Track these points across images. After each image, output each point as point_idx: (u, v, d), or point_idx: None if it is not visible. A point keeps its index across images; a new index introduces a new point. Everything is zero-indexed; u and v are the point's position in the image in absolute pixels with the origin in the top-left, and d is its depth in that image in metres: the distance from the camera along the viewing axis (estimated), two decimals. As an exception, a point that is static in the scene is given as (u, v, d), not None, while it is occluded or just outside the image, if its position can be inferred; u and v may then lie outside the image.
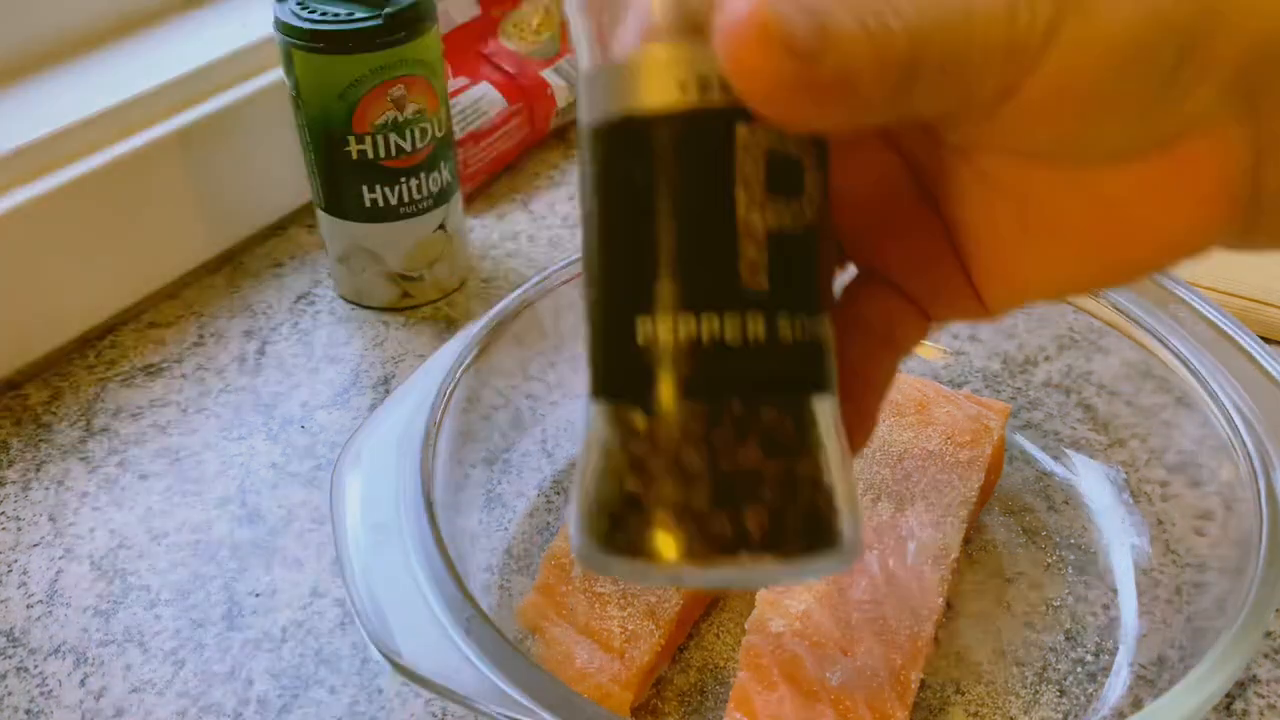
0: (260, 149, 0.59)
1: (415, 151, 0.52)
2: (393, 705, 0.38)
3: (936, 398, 0.43)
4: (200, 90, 0.57)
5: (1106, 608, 0.40)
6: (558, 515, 0.45)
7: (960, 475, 0.40)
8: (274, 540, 0.45)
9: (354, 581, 0.34)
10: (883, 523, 0.38)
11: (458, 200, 0.56)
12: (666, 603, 0.37)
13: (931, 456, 0.40)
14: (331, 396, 0.51)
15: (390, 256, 0.55)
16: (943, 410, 0.42)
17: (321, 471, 0.48)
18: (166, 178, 0.56)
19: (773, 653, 0.35)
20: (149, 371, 0.53)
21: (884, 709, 0.33)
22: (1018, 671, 0.38)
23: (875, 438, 0.41)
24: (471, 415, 0.43)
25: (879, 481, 0.39)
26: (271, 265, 0.60)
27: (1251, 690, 0.38)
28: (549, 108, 0.67)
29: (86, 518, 0.46)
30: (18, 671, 0.40)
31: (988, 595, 0.41)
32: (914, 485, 0.39)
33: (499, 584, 0.42)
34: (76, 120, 0.53)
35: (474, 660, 0.32)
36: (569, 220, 0.62)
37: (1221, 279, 0.54)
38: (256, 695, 0.39)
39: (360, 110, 0.50)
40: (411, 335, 0.55)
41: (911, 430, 0.41)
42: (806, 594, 0.36)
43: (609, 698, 0.35)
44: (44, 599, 0.43)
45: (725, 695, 0.38)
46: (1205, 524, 0.40)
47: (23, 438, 0.50)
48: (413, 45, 0.49)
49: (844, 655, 0.34)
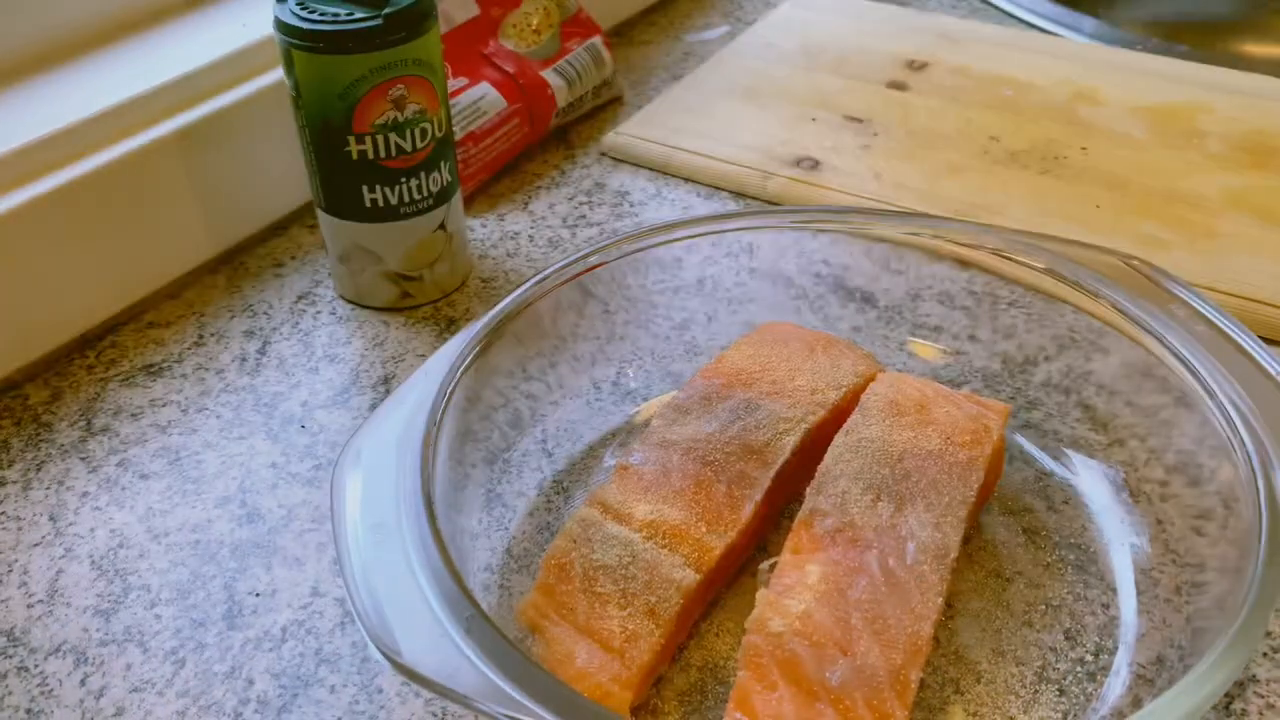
0: (260, 149, 0.59)
1: (415, 151, 0.52)
2: (393, 705, 0.38)
3: (936, 398, 0.43)
4: (200, 90, 0.57)
5: (1106, 607, 0.40)
6: (558, 515, 0.45)
7: (960, 475, 0.40)
8: (274, 540, 0.45)
9: (354, 581, 0.34)
10: (883, 523, 0.38)
11: (458, 200, 0.56)
12: (667, 602, 0.37)
13: (931, 456, 0.40)
14: (331, 396, 0.51)
15: (390, 256, 0.55)
16: (942, 410, 0.42)
17: (321, 471, 0.48)
18: (166, 178, 0.56)
19: (773, 653, 0.35)
20: (149, 371, 0.53)
21: (884, 709, 0.33)
22: (1017, 671, 0.38)
23: (875, 437, 0.41)
24: (471, 415, 0.43)
25: (879, 481, 0.39)
26: (271, 265, 0.60)
27: (1251, 690, 0.38)
28: (549, 108, 0.67)
29: (86, 517, 0.46)
30: (18, 671, 0.40)
31: (987, 595, 0.41)
32: (914, 485, 0.39)
33: (499, 584, 0.42)
34: (76, 120, 0.53)
35: (474, 660, 0.32)
36: (569, 220, 0.63)
37: (1221, 279, 0.55)
38: (256, 695, 0.39)
39: (360, 110, 0.50)
40: (411, 335, 0.55)
41: (911, 430, 0.41)
42: (807, 594, 0.36)
43: (609, 698, 0.35)
44: (44, 599, 0.43)
45: (725, 695, 0.38)
46: (1205, 523, 0.40)
47: (23, 438, 0.50)
48: (413, 45, 0.49)
49: (844, 655, 0.34)
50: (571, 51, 0.69)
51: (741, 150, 0.66)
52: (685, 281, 0.50)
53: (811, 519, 0.38)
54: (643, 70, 0.78)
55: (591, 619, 0.37)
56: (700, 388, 0.44)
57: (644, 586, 0.37)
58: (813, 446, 0.43)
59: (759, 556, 0.43)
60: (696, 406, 0.43)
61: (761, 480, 0.41)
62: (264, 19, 0.60)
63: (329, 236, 0.55)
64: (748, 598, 0.41)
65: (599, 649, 0.36)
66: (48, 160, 0.52)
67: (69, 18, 0.59)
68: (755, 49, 0.77)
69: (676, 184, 0.65)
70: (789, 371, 0.45)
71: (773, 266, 0.50)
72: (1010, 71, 0.73)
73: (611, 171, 0.67)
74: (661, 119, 0.69)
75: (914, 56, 0.76)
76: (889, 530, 0.38)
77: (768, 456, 0.41)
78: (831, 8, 0.83)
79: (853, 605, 0.36)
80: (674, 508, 0.39)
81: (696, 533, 0.39)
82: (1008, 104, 0.70)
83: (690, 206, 0.64)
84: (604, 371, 0.50)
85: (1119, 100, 0.70)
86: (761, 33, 0.80)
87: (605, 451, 0.47)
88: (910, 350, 0.50)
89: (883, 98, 0.71)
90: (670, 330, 0.51)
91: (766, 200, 0.63)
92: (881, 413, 0.42)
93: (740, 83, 0.73)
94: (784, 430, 0.42)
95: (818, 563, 0.37)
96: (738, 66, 0.75)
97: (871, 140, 0.67)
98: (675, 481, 0.40)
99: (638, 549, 0.38)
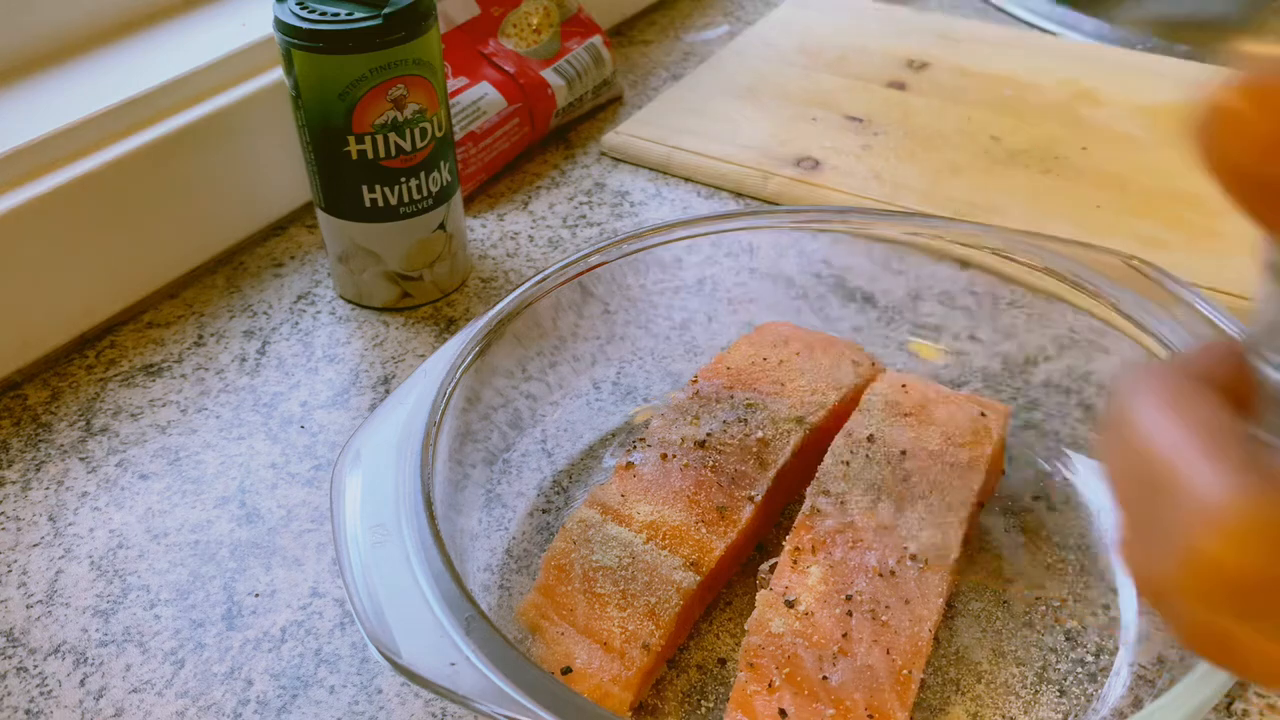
0: (260, 149, 0.59)
1: (415, 151, 0.52)
2: (392, 705, 0.38)
3: (937, 398, 0.43)
4: (200, 90, 0.57)
5: (1106, 608, 0.40)
6: (558, 515, 0.45)
7: (961, 476, 0.40)
8: (274, 540, 0.45)
9: (354, 581, 0.34)
10: (883, 523, 0.38)
11: (458, 200, 0.56)
12: (667, 603, 0.37)
13: (932, 456, 0.40)
14: (331, 396, 0.51)
15: (390, 256, 0.55)
16: (943, 410, 0.42)
17: (321, 471, 0.48)
18: (166, 178, 0.56)
19: (773, 653, 0.35)
20: (149, 371, 0.53)
21: (884, 709, 0.33)
22: (1018, 671, 0.38)
23: (876, 438, 0.41)
24: (471, 415, 0.43)
25: (879, 481, 0.39)
26: (271, 265, 0.60)
27: (1251, 690, 0.38)
28: (549, 108, 0.67)
29: (86, 518, 0.46)
30: (18, 671, 0.40)
31: (988, 595, 0.41)
32: (914, 485, 0.39)
33: (499, 584, 0.42)
34: (76, 120, 0.53)
35: (474, 660, 0.32)
36: (569, 220, 0.62)
37: (1222, 279, 0.54)
38: (256, 695, 0.39)
39: (360, 110, 0.50)
40: (411, 335, 0.55)
41: (912, 430, 0.41)
42: (807, 594, 0.36)
43: (609, 698, 0.35)
44: (44, 599, 0.43)
45: (725, 695, 0.38)
46: (1205, 524, 0.40)
47: (23, 438, 0.50)
48: (413, 45, 0.49)
49: (844, 655, 0.34)
50: (571, 51, 0.69)
51: (741, 150, 0.66)
52: (685, 281, 0.50)
53: (812, 519, 0.38)
54: (643, 70, 0.78)
55: (592, 620, 0.37)
56: (700, 388, 0.44)
57: (644, 588, 0.37)
58: (813, 446, 0.43)
59: (758, 556, 0.42)
60: (696, 406, 0.43)
61: (761, 480, 0.40)
62: (264, 19, 0.60)
63: (329, 236, 0.55)
64: (748, 598, 0.41)
65: (599, 649, 0.36)
66: (48, 160, 0.52)
67: (69, 18, 0.59)
68: (755, 49, 0.77)
69: (676, 184, 0.65)
70: (789, 371, 0.45)
71: (773, 266, 0.50)
72: (1010, 71, 0.73)
73: (611, 171, 0.67)
74: (661, 119, 0.69)
75: (914, 56, 0.76)
76: (889, 531, 0.38)
77: (768, 456, 0.41)
78: (831, 8, 0.83)
79: (853, 606, 0.36)
80: (674, 508, 0.39)
81: (696, 534, 0.39)
82: (1008, 104, 0.70)
83: (690, 206, 0.64)
84: (604, 371, 0.50)
85: (1119, 100, 0.70)
86: (761, 33, 0.80)
87: (605, 451, 0.47)
88: (910, 350, 0.50)
89: (883, 98, 0.71)
90: (670, 330, 0.51)
91: (766, 200, 0.63)
92: (882, 413, 0.42)
93: (740, 83, 0.73)
94: (784, 430, 0.42)
95: (818, 563, 0.37)
96: (738, 66, 0.75)
97: (871, 140, 0.67)
98: (675, 482, 0.40)
99: (638, 550, 0.38)
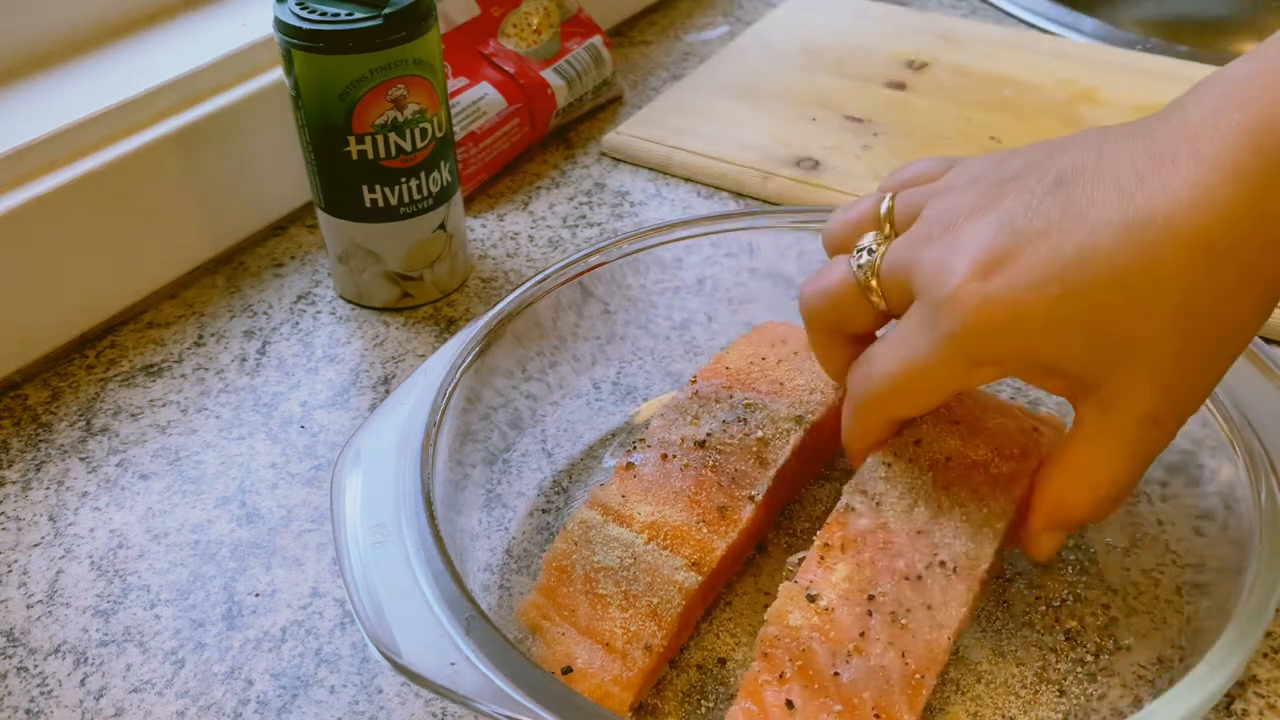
0: (260, 149, 0.59)
1: (415, 151, 0.52)
2: (392, 705, 0.38)
3: (991, 408, 0.42)
4: (200, 90, 0.57)
5: (1106, 608, 0.40)
6: (558, 515, 0.45)
7: (1003, 488, 0.39)
8: (274, 540, 0.45)
9: (354, 581, 0.34)
10: (916, 528, 0.37)
11: (458, 200, 0.56)
12: (669, 604, 0.37)
13: (976, 467, 0.40)
14: (331, 396, 0.51)
15: (390, 256, 0.55)
16: (995, 421, 0.41)
17: (321, 471, 0.48)
18: (166, 178, 0.56)
19: (788, 645, 0.35)
20: (149, 371, 0.53)
21: (891, 710, 0.33)
22: (1018, 671, 0.38)
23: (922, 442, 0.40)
24: (471, 415, 0.43)
25: (918, 486, 0.38)
26: (271, 265, 0.60)
27: (1251, 690, 0.38)
28: (549, 108, 0.67)
29: (86, 518, 0.46)
30: (18, 671, 0.40)
31: (987, 595, 0.41)
32: (954, 494, 0.39)
33: (499, 584, 0.42)
34: (76, 120, 0.53)
35: (474, 660, 0.32)
36: (569, 220, 0.62)
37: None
38: (256, 695, 0.39)
39: (360, 110, 0.50)
40: (411, 335, 0.55)
41: (959, 439, 0.40)
42: (830, 590, 0.36)
43: (609, 698, 0.35)
44: (44, 599, 0.43)
45: (725, 695, 0.38)
46: (1205, 524, 0.40)
47: (23, 438, 0.50)
48: (413, 45, 0.49)
49: (858, 654, 0.34)
50: (571, 51, 0.69)
51: (741, 150, 0.66)
52: (685, 281, 0.50)
53: (845, 516, 0.38)
54: (643, 70, 0.78)
55: (594, 620, 0.37)
56: (700, 388, 0.44)
57: (646, 588, 0.37)
58: (813, 446, 0.43)
59: (758, 557, 0.43)
60: (696, 406, 0.43)
61: (762, 480, 0.40)
62: (264, 19, 0.60)
63: (329, 236, 0.55)
64: (748, 598, 0.41)
65: (601, 650, 0.36)
66: (48, 160, 0.52)
67: (69, 18, 0.59)
68: (755, 49, 0.77)
69: (676, 184, 0.65)
70: (788, 371, 0.45)
71: (773, 266, 0.50)
72: (1010, 71, 0.73)
73: (611, 171, 0.67)
74: (661, 119, 0.69)
75: (914, 56, 0.76)
76: (922, 536, 0.37)
77: (768, 456, 0.41)
78: (831, 8, 0.83)
79: (874, 606, 0.35)
80: (674, 509, 0.39)
81: (697, 534, 0.39)
82: (1008, 104, 0.70)
83: (690, 206, 0.64)
84: (604, 371, 0.50)
85: (1119, 100, 0.70)
86: (761, 33, 0.80)
87: (605, 451, 0.47)
88: (910, 350, 0.50)
89: (883, 98, 0.71)
90: (670, 330, 0.51)
91: (766, 200, 0.63)
92: (933, 418, 0.41)
93: (740, 83, 0.73)
94: (784, 429, 0.42)
95: (845, 561, 0.37)
96: (738, 66, 0.75)
97: (871, 140, 0.67)
98: (675, 482, 0.40)
99: (639, 551, 0.38)
